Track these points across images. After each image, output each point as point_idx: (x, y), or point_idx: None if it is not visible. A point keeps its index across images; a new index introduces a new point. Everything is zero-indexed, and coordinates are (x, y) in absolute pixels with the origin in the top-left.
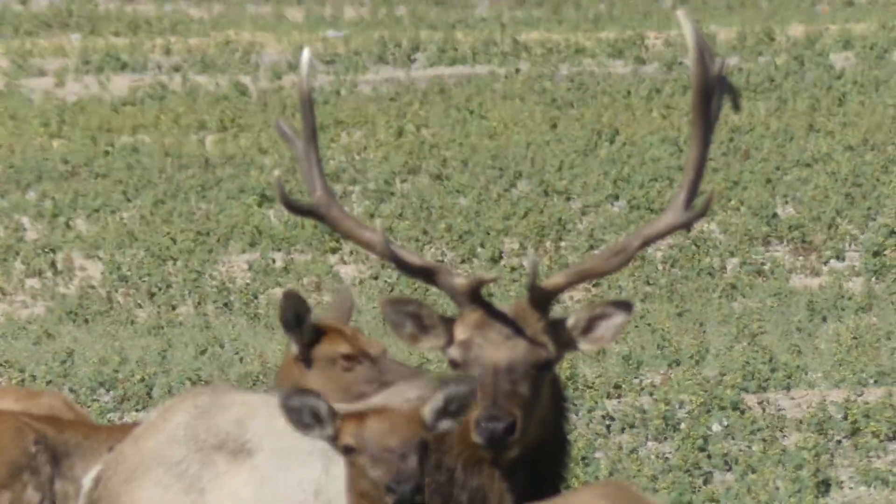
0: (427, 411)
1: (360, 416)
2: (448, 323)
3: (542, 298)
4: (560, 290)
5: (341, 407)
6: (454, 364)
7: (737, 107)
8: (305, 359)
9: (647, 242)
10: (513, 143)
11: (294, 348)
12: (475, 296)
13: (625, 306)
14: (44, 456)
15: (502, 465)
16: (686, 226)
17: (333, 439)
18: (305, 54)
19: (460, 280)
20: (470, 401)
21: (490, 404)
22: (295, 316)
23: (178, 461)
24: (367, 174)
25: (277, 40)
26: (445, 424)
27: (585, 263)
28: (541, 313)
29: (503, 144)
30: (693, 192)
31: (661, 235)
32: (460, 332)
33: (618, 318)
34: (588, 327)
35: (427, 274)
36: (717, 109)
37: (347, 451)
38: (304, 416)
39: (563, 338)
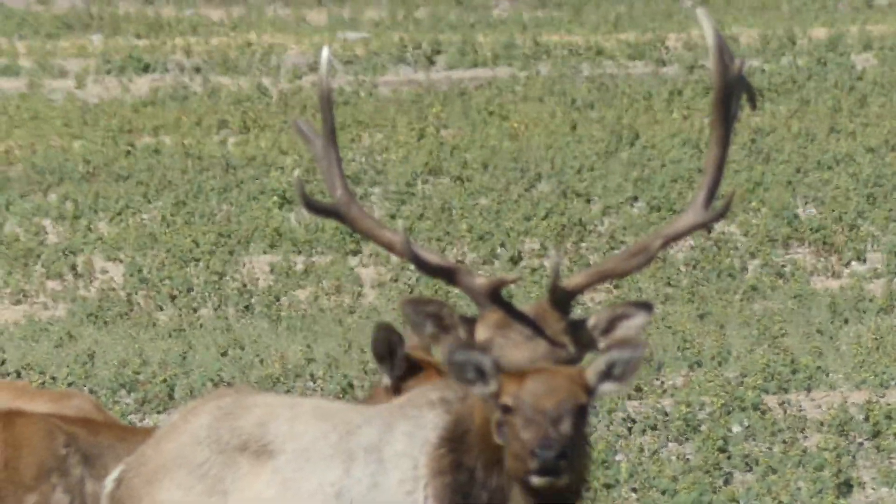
0: (591, 374)
1: (521, 376)
2: (469, 323)
3: (562, 299)
4: (580, 290)
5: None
6: None
7: (753, 105)
8: (397, 391)
9: (667, 242)
10: (533, 145)
11: (385, 380)
12: (496, 296)
13: (645, 307)
14: (75, 458)
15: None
16: (706, 225)
17: (495, 397)
18: (325, 53)
19: (481, 280)
20: (634, 365)
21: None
22: (388, 348)
23: (201, 463)
24: (388, 176)
25: (298, 42)
26: (608, 388)
27: (606, 263)
28: (561, 313)
29: (523, 146)
30: (713, 191)
31: (681, 235)
32: (481, 333)
33: (638, 319)
34: (608, 328)
35: (447, 274)
36: (736, 109)
37: (505, 410)
38: (468, 372)
39: (583, 338)
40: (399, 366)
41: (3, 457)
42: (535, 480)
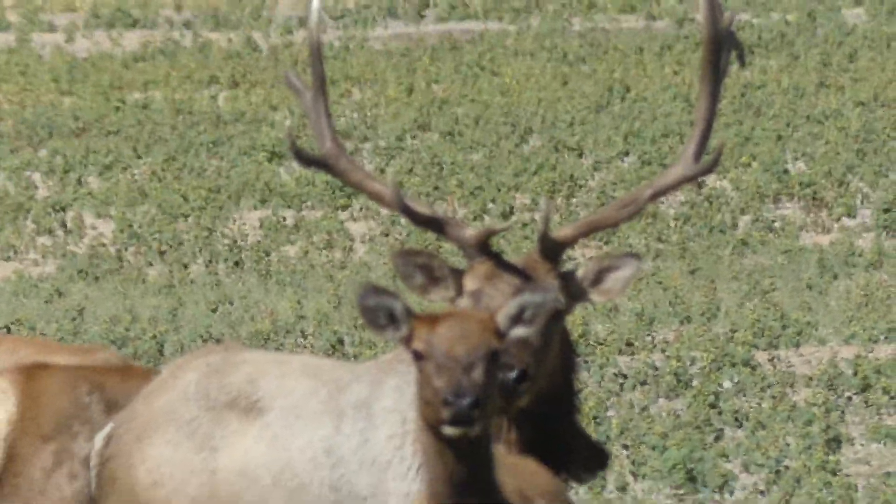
0: (501, 318)
1: (433, 320)
2: (458, 274)
3: (552, 249)
4: (570, 241)
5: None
6: None
7: (742, 62)
8: None
9: (656, 194)
10: (524, 100)
11: None
12: (485, 247)
13: (633, 257)
14: (99, 406)
15: (511, 415)
16: (695, 178)
17: (407, 342)
18: (315, 3)
19: (470, 231)
20: (544, 308)
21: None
22: None
23: (190, 419)
24: (378, 131)
25: None
26: (519, 331)
27: (595, 214)
28: (551, 264)
29: (514, 101)
30: (702, 144)
31: (670, 187)
32: (470, 283)
33: (626, 270)
34: (597, 279)
35: (437, 225)
36: (726, 62)
37: (416, 356)
38: (380, 317)
39: (573, 289)
40: None
41: (21, 409)
42: (448, 430)
